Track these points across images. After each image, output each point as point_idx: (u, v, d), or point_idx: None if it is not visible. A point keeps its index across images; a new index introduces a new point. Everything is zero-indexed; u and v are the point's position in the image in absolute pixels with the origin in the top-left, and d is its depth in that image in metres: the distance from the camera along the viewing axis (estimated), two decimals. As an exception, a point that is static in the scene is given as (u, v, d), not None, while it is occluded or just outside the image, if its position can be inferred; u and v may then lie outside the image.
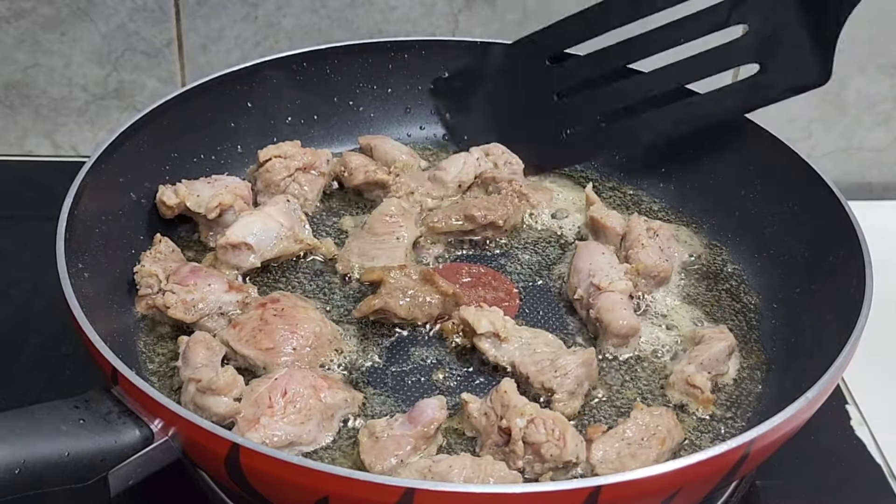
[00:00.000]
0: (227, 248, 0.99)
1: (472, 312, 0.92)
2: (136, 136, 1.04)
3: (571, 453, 0.80)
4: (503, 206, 1.07)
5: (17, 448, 0.70)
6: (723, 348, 0.93)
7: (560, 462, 0.80)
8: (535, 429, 0.80)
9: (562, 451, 0.80)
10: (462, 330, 0.93)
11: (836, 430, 1.02)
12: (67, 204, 0.92)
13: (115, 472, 0.74)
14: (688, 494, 0.75)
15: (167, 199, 1.03)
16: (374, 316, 0.95)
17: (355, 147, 1.19)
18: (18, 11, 1.31)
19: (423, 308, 0.95)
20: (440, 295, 0.95)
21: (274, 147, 1.10)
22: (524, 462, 0.81)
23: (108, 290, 0.95)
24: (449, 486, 0.72)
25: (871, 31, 1.34)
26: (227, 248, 0.99)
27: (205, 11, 1.32)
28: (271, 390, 0.84)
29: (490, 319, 0.91)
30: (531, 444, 0.80)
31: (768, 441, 0.75)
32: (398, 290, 0.94)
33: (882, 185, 1.47)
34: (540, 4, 1.33)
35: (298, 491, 0.71)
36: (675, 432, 0.85)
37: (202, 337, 0.89)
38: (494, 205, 1.07)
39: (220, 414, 0.83)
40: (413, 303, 0.95)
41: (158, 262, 0.97)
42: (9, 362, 1.05)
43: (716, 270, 1.07)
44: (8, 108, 1.38)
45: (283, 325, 0.91)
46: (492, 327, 0.91)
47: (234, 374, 0.84)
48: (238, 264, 0.99)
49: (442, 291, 0.95)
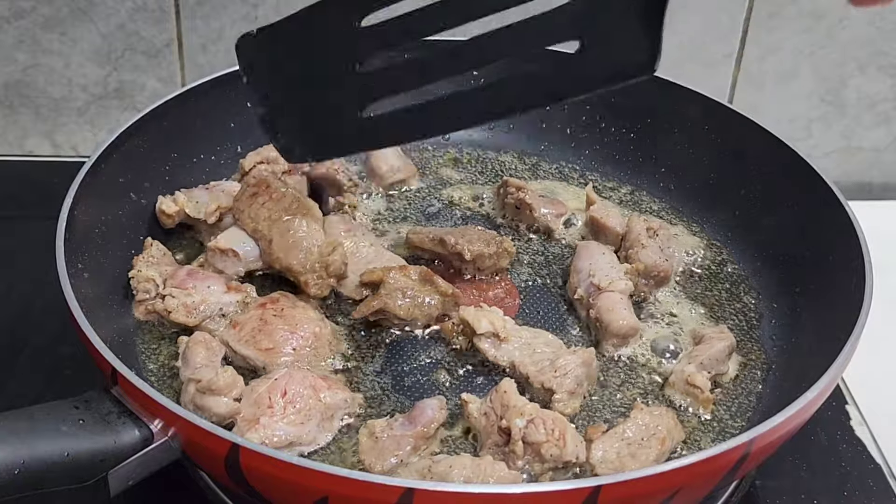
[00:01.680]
0: (216, 252, 0.99)
1: (471, 312, 0.92)
2: (136, 137, 1.04)
3: (571, 453, 0.80)
4: (482, 245, 1.01)
5: (17, 448, 0.70)
6: (723, 348, 0.93)
7: (560, 462, 0.80)
8: (535, 429, 0.80)
9: (562, 451, 0.80)
10: (462, 330, 0.93)
11: (836, 430, 1.02)
12: (67, 204, 0.92)
13: (114, 472, 0.74)
14: (688, 494, 0.75)
15: (166, 208, 1.03)
16: (373, 317, 0.95)
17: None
18: (18, 11, 1.31)
19: (423, 308, 0.95)
20: (439, 295, 0.95)
21: (255, 154, 1.09)
22: (524, 462, 0.81)
23: (108, 291, 0.95)
24: (449, 487, 0.72)
25: (872, 31, 1.34)
26: (215, 252, 0.99)
27: (205, 11, 1.32)
28: (271, 391, 0.84)
29: (490, 319, 0.91)
30: (531, 444, 0.80)
31: (768, 441, 0.75)
32: (398, 290, 0.94)
33: (882, 185, 1.47)
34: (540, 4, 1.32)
35: (298, 491, 0.71)
36: (675, 432, 0.85)
37: (202, 337, 0.89)
38: (474, 240, 1.01)
39: (220, 414, 0.83)
40: (412, 303, 0.94)
41: (152, 265, 0.97)
42: (9, 362, 1.05)
43: (716, 270, 1.07)
44: (8, 108, 1.38)
45: (282, 325, 0.91)
46: (491, 327, 0.91)
47: (234, 374, 0.84)
48: (223, 269, 0.99)
49: (441, 292, 0.95)
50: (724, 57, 1.37)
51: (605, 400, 0.91)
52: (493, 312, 0.93)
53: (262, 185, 1.00)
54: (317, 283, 0.96)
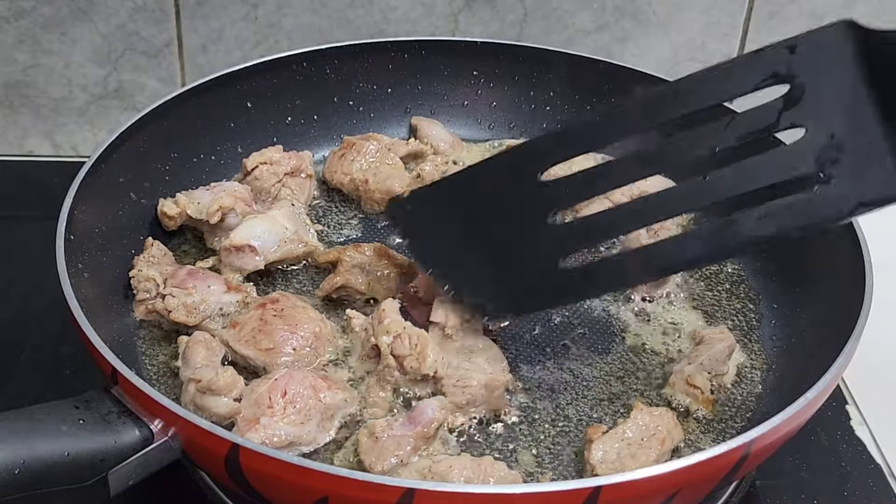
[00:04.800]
0: (231, 251, 0.99)
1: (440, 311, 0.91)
2: (136, 137, 1.04)
3: (430, 367, 0.85)
4: None
5: (17, 448, 0.70)
6: (723, 348, 0.93)
7: (419, 374, 0.85)
8: (401, 343, 0.86)
9: (420, 364, 0.85)
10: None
11: (836, 430, 1.02)
12: (67, 204, 0.92)
13: (114, 472, 0.74)
14: (688, 495, 0.75)
15: (168, 210, 1.03)
16: (336, 294, 0.98)
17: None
18: (18, 11, 1.31)
19: (382, 282, 0.98)
20: (396, 268, 0.98)
21: (258, 154, 1.10)
22: (396, 378, 0.86)
23: (108, 291, 0.95)
24: (449, 487, 0.72)
25: (871, 31, 1.34)
26: (230, 251, 0.99)
27: (205, 11, 1.32)
28: (271, 390, 0.84)
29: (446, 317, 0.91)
30: (397, 358, 0.85)
31: (768, 441, 0.75)
32: (355, 267, 0.98)
33: (882, 185, 1.47)
34: (540, 4, 1.33)
35: (298, 491, 0.71)
36: (675, 432, 0.85)
37: (202, 337, 0.89)
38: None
39: (221, 414, 0.83)
40: (371, 278, 0.98)
41: (153, 265, 0.97)
42: (9, 362, 1.05)
43: (716, 270, 1.07)
44: (8, 108, 1.38)
45: (282, 325, 0.91)
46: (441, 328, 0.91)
47: (234, 374, 0.84)
48: (241, 266, 1.00)
49: (397, 264, 0.98)
50: (724, 57, 1.36)
51: (604, 400, 0.91)
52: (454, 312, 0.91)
53: (347, 145, 1.16)
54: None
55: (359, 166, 1.14)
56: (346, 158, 1.15)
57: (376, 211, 1.13)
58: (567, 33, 1.34)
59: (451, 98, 1.26)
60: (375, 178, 1.13)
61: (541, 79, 1.24)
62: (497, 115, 1.26)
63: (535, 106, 1.25)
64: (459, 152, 1.20)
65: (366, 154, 1.15)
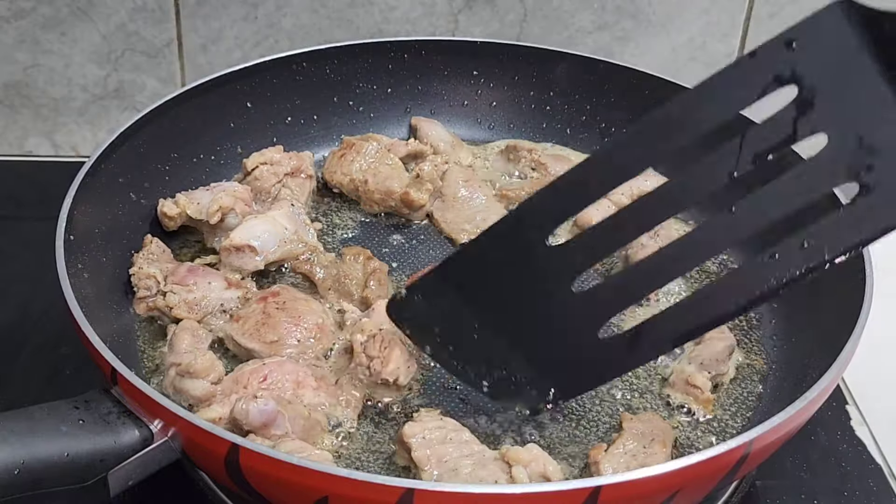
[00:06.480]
0: (231, 251, 0.99)
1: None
2: (135, 137, 1.04)
3: (390, 373, 0.85)
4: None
5: (17, 448, 0.70)
6: (723, 348, 0.93)
7: (378, 379, 0.85)
8: (373, 344, 0.87)
9: (381, 369, 0.85)
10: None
11: (836, 430, 1.02)
12: (67, 204, 0.92)
13: (114, 472, 0.74)
14: (688, 494, 0.75)
15: (168, 211, 1.03)
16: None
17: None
18: (18, 11, 1.31)
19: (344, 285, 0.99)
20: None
21: (258, 154, 1.10)
22: (364, 379, 0.86)
23: (108, 291, 0.95)
24: (449, 487, 0.72)
25: (872, 30, 1.34)
26: (230, 251, 0.99)
27: (205, 11, 1.32)
28: (253, 373, 0.85)
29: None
30: (368, 358, 0.86)
31: (768, 441, 0.75)
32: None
33: (882, 184, 1.47)
34: (540, 4, 1.33)
35: (298, 491, 0.71)
36: (668, 430, 0.85)
37: (189, 325, 0.90)
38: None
39: (197, 397, 0.83)
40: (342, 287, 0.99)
41: (153, 263, 0.97)
42: (9, 362, 1.05)
43: (716, 270, 1.07)
44: (8, 108, 1.38)
45: (286, 317, 0.92)
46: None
47: (212, 357, 0.85)
48: (241, 266, 1.00)
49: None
50: (724, 57, 1.36)
51: (604, 400, 0.91)
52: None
53: (347, 145, 1.16)
54: (417, 189, 1.10)
55: (358, 167, 1.14)
56: (345, 159, 1.15)
57: (376, 211, 1.13)
58: (567, 33, 1.34)
59: (451, 98, 1.26)
60: (375, 178, 1.13)
61: (541, 79, 1.24)
62: (497, 115, 1.26)
63: (535, 106, 1.25)
64: (459, 152, 1.20)
65: (365, 154, 1.15)
